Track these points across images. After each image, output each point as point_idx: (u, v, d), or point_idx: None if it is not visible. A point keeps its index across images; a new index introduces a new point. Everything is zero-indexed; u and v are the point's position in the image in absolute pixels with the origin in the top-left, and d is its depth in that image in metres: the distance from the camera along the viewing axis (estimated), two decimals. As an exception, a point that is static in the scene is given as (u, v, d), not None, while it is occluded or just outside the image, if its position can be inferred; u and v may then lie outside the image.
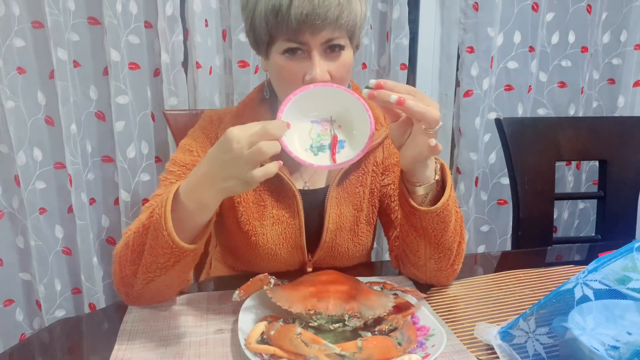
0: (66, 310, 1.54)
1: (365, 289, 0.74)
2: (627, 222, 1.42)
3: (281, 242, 0.92)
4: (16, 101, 1.35)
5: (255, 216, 0.92)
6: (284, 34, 0.79)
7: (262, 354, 0.64)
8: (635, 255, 0.65)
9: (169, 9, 1.38)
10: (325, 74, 0.80)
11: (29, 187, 1.40)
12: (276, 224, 0.92)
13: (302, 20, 0.76)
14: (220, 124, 0.93)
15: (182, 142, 0.94)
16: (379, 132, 0.94)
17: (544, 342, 0.65)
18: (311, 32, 0.78)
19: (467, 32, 1.60)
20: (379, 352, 0.63)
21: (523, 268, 0.98)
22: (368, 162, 0.96)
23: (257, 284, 0.77)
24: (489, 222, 1.78)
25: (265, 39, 0.82)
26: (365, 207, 0.96)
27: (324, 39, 0.79)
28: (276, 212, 0.92)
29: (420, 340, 0.69)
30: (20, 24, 1.32)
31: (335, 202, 0.93)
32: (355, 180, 0.95)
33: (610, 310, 0.65)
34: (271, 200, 0.92)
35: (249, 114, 0.92)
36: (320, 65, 0.80)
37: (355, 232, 0.96)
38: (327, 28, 0.78)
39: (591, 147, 1.41)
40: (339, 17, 0.78)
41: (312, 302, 0.68)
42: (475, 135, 1.67)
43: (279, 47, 0.81)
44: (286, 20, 0.76)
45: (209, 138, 0.92)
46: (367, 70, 1.57)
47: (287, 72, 0.82)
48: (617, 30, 1.70)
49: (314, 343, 0.62)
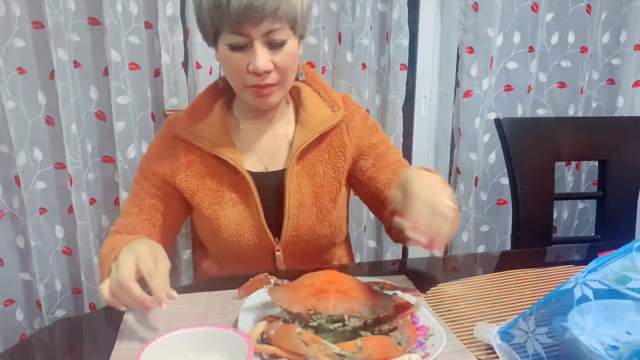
0: (66, 310, 1.54)
1: (365, 289, 0.74)
2: (627, 222, 1.42)
3: (242, 222, 0.96)
4: (16, 101, 1.35)
5: (215, 200, 0.97)
6: (227, 26, 0.83)
7: (262, 353, 0.64)
8: (634, 255, 0.65)
9: (169, 9, 1.38)
10: (268, 63, 0.86)
11: (29, 187, 1.40)
12: (235, 205, 0.97)
13: (241, 13, 0.80)
14: (176, 123, 0.99)
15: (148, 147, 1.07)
16: (336, 114, 0.99)
17: (543, 342, 0.65)
18: (251, 24, 0.82)
19: (466, 32, 1.60)
20: (379, 351, 0.63)
21: (523, 268, 0.98)
22: (328, 142, 1.00)
23: (257, 284, 0.77)
24: (488, 222, 1.78)
25: (211, 31, 0.87)
26: (327, 184, 1.00)
27: (265, 30, 0.84)
28: (233, 194, 0.97)
29: (420, 340, 0.69)
30: (21, 24, 1.32)
31: (295, 180, 0.98)
32: (314, 159, 0.99)
33: (609, 310, 0.65)
34: (227, 185, 0.97)
35: (203, 107, 0.99)
36: (262, 55, 0.85)
37: (318, 208, 0.99)
38: (267, 20, 0.82)
39: (591, 147, 1.41)
40: (277, 9, 0.82)
41: (312, 302, 0.68)
42: (475, 136, 1.67)
43: (224, 39, 0.86)
44: (227, 13, 0.81)
45: (165, 138, 1.00)
46: (367, 70, 1.58)
47: (232, 63, 0.88)
48: (617, 31, 1.70)
49: (314, 343, 0.62)
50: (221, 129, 0.98)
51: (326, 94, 1.02)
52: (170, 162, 0.99)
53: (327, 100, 1.01)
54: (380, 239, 1.75)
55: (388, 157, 1.03)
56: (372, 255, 1.76)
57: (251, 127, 1.01)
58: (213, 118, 0.98)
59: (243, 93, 0.93)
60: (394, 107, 1.60)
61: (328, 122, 0.99)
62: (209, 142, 0.96)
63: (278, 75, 0.89)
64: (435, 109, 1.79)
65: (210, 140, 0.96)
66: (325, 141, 1.00)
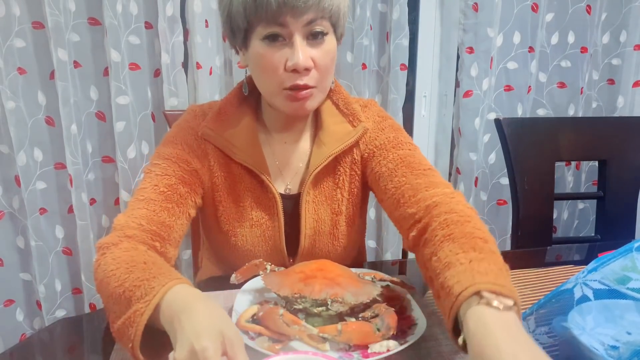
0: (66, 310, 1.55)
1: (353, 277, 0.76)
2: (627, 222, 1.42)
3: (260, 245, 0.91)
4: (17, 101, 1.35)
5: (235, 217, 0.90)
6: (263, 18, 0.74)
7: (249, 331, 0.67)
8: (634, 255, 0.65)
9: (169, 9, 1.38)
10: (308, 60, 0.77)
11: (30, 187, 1.40)
12: (255, 227, 0.90)
13: (283, 2, 0.72)
14: (204, 119, 0.90)
15: (166, 135, 0.91)
16: (356, 129, 0.89)
17: (543, 341, 0.65)
18: (292, 14, 0.74)
19: (466, 32, 1.60)
20: (357, 336, 0.66)
21: (523, 268, 0.97)
22: (344, 163, 0.91)
23: (252, 269, 0.81)
24: (488, 222, 1.78)
25: (243, 26, 0.78)
26: (344, 210, 0.93)
27: (306, 21, 0.75)
28: (256, 214, 0.90)
29: (403, 328, 0.71)
30: (21, 24, 1.33)
31: (312, 207, 0.91)
32: (332, 183, 0.92)
33: (609, 310, 0.65)
34: (251, 202, 0.90)
35: (230, 113, 0.90)
36: (303, 50, 0.76)
37: (334, 235, 0.93)
38: (310, 11, 0.74)
39: (591, 147, 1.41)
40: (321, 0, 0.74)
41: (299, 286, 0.71)
42: (475, 136, 1.67)
43: (259, 34, 0.77)
44: (265, 4, 0.72)
45: (193, 132, 0.89)
46: (367, 70, 1.58)
47: (267, 60, 0.78)
48: (617, 31, 1.70)
49: (294, 324, 0.66)
50: (251, 140, 0.89)
51: (345, 106, 0.92)
52: (201, 159, 0.88)
53: (346, 115, 0.91)
54: (380, 239, 1.75)
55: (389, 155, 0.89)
56: (372, 255, 1.76)
57: (278, 141, 0.93)
58: (243, 126, 0.89)
59: (277, 97, 0.82)
60: (394, 107, 1.60)
61: (345, 140, 0.89)
62: (239, 151, 0.87)
63: (317, 75, 0.80)
64: (435, 109, 1.79)
65: (240, 149, 0.87)
66: (341, 162, 0.91)
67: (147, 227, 0.77)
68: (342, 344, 0.67)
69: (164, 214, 0.80)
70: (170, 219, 0.80)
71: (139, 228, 0.76)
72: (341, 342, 0.66)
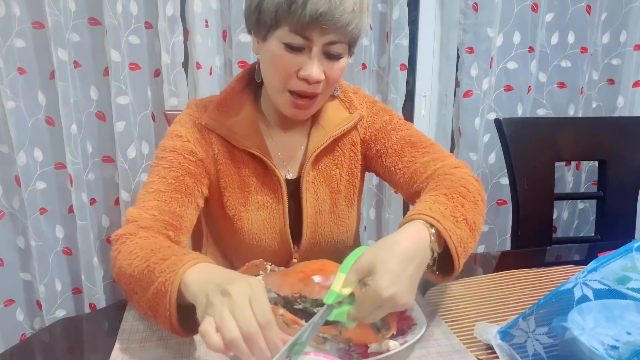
0: (67, 310, 1.55)
1: None
2: (627, 222, 1.42)
3: (265, 228, 0.93)
4: (17, 101, 1.35)
5: (240, 201, 0.93)
6: (292, 25, 0.78)
7: None
8: (634, 255, 0.65)
9: (170, 9, 1.38)
10: (321, 74, 0.81)
11: (30, 187, 1.40)
12: (261, 209, 0.93)
13: (316, 18, 0.76)
14: (205, 112, 0.93)
15: (169, 129, 0.94)
16: (352, 116, 0.95)
17: (543, 341, 0.65)
18: (320, 31, 0.78)
19: (466, 32, 1.60)
20: (357, 336, 0.66)
21: (523, 268, 0.98)
22: (342, 145, 0.96)
23: (253, 269, 0.80)
24: (488, 222, 1.78)
25: (269, 23, 0.80)
26: (343, 189, 0.97)
27: (329, 40, 0.79)
28: (261, 197, 0.93)
29: (403, 328, 0.71)
30: (21, 24, 1.33)
31: (311, 187, 0.94)
32: (330, 163, 0.96)
33: (609, 310, 0.65)
34: (256, 186, 0.93)
35: (231, 103, 0.93)
36: (318, 64, 0.81)
37: (335, 214, 0.97)
38: (336, 31, 0.78)
39: (590, 148, 1.41)
40: (348, 25, 0.78)
41: (299, 286, 0.71)
42: (475, 136, 1.67)
43: (281, 36, 0.80)
44: (299, 14, 0.76)
45: (196, 124, 0.92)
46: (367, 70, 1.58)
47: (282, 63, 0.82)
48: (617, 31, 1.70)
49: (294, 324, 0.66)
50: (252, 127, 0.92)
51: (343, 95, 0.98)
52: (206, 149, 0.91)
53: (343, 101, 0.97)
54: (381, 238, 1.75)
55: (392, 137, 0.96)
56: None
57: (277, 129, 0.97)
58: (245, 113, 0.92)
59: (280, 96, 0.86)
60: (394, 107, 1.60)
61: (343, 125, 0.94)
62: (242, 139, 0.91)
63: (325, 85, 0.85)
64: (435, 109, 1.79)
65: (243, 136, 0.91)
66: (339, 144, 0.96)
67: (160, 217, 0.81)
68: (342, 344, 0.67)
69: (174, 204, 0.83)
70: (180, 209, 0.84)
71: (152, 218, 0.80)
72: (341, 342, 0.67)
